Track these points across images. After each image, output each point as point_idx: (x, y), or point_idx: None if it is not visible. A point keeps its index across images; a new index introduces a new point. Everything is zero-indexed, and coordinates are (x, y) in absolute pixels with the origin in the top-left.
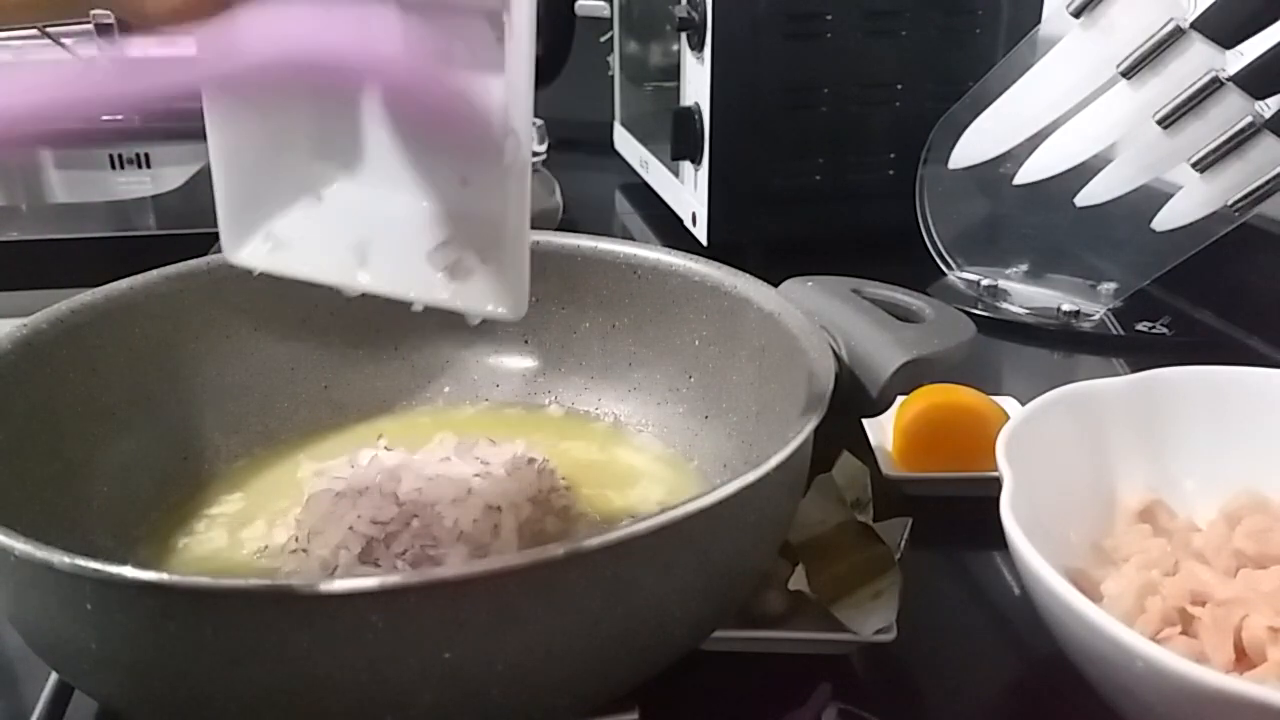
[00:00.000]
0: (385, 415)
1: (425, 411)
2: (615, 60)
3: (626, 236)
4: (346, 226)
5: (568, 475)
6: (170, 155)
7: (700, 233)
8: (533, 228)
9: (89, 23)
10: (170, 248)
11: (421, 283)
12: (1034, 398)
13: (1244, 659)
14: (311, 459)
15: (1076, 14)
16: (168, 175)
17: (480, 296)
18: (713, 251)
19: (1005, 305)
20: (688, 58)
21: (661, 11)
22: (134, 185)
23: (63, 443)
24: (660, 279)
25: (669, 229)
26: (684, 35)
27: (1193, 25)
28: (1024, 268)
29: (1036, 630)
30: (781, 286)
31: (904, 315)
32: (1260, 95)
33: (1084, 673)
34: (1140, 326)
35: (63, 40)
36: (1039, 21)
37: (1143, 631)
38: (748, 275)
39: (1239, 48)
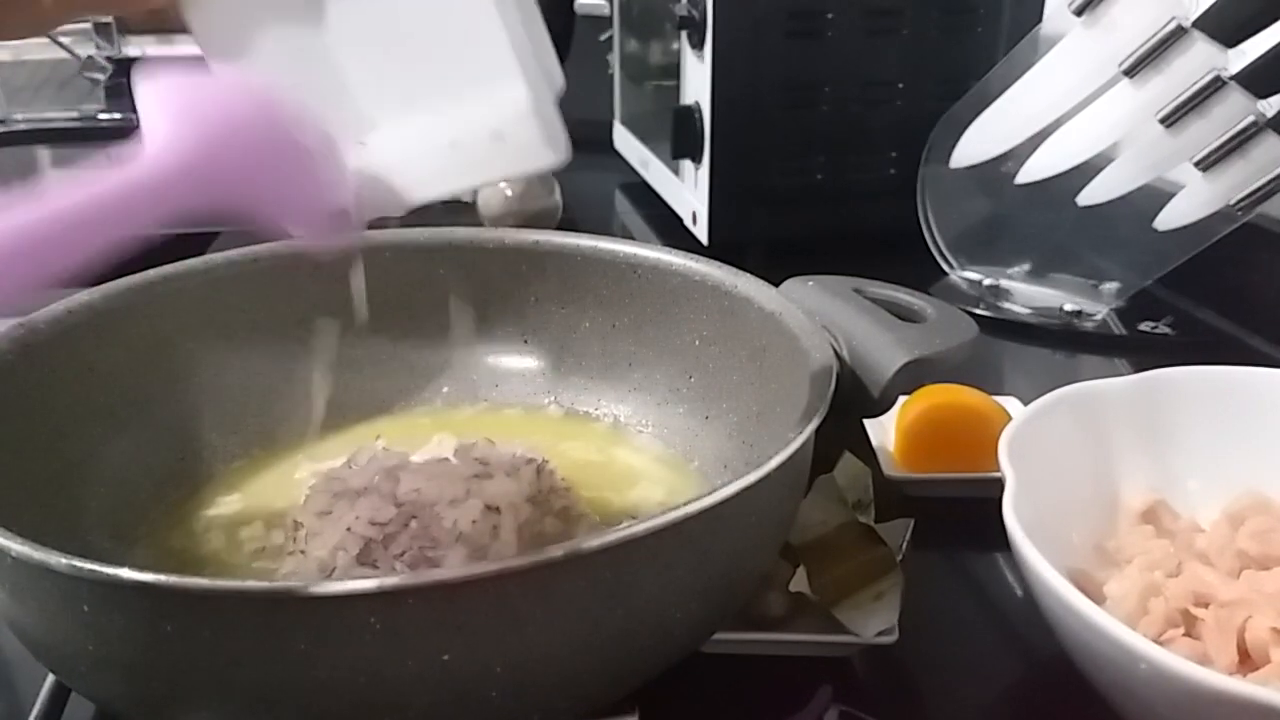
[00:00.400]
0: (384, 416)
1: (424, 412)
2: (615, 59)
3: (626, 236)
4: (378, 157)
5: (567, 476)
6: None
7: (700, 232)
8: (532, 227)
9: (88, 22)
10: (169, 247)
11: (461, 173)
12: (1036, 398)
13: (1247, 660)
14: (310, 459)
15: (1078, 12)
16: None
17: (521, 156)
18: (713, 251)
19: (1007, 305)
20: (688, 56)
21: (661, 10)
22: None
23: (60, 443)
24: (660, 279)
25: (669, 228)
26: (684, 34)
27: (1195, 24)
28: (1026, 267)
29: (1039, 632)
30: (782, 286)
31: (906, 315)
32: (1262, 94)
33: (1087, 674)
34: (1143, 326)
35: (61, 40)
36: (1040, 20)
37: (1146, 633)
38: (748, 275)
39: (1241, 47)
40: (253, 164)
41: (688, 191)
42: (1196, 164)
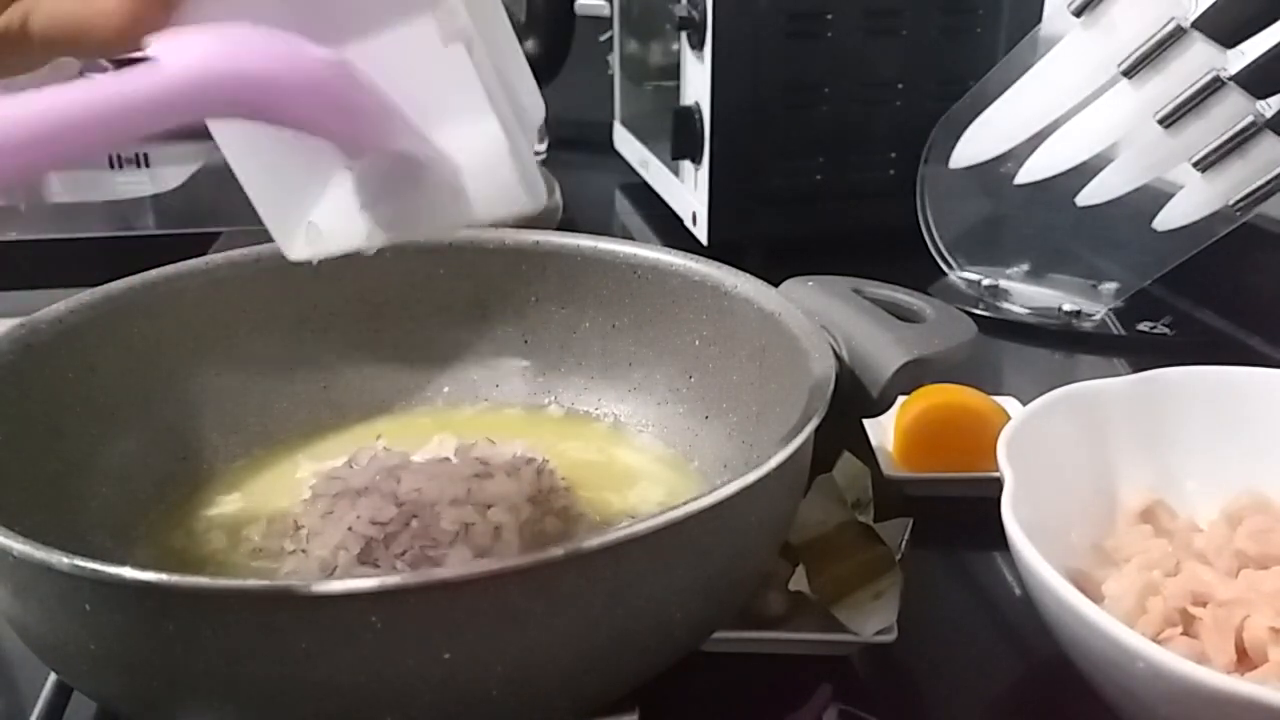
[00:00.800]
0: (384, 415)
1: (424, 412)
2: (615, 59)
3: (626, 236)
4: (364, 187)
5: (567, 476)
6: (169, 155)
7: (700, 232)
8: (533, 227)
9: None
10: (169, 247)
11: (438, 216)
12: (1035, 398)
13: (1245, 660)
14: (310, 459)
15: (1077, 13)
16: (167, 175)
17: (496, 201)
18: (713, 251)
19: (1006, 305)
20: (688, 57)
21: (661, 10)
22: (133, 185)
23: (61, 443)
24: (660, 279)
25: (669, 229)
26: (684, 34)
27: (1194, 24)
28: (1025, 267)
29: (1038, 631)
30: (782, 286)
31: (905, 315)
32: (1261, 95)
33: (1085, 674)
34: (1142, 326)
35: None
36: (1039, 20)
37: (1144, 632)
38: (748, 275)
39: (1240, 47)
40: (269, 75)
41: (688, 192)
42: (1195, 164)
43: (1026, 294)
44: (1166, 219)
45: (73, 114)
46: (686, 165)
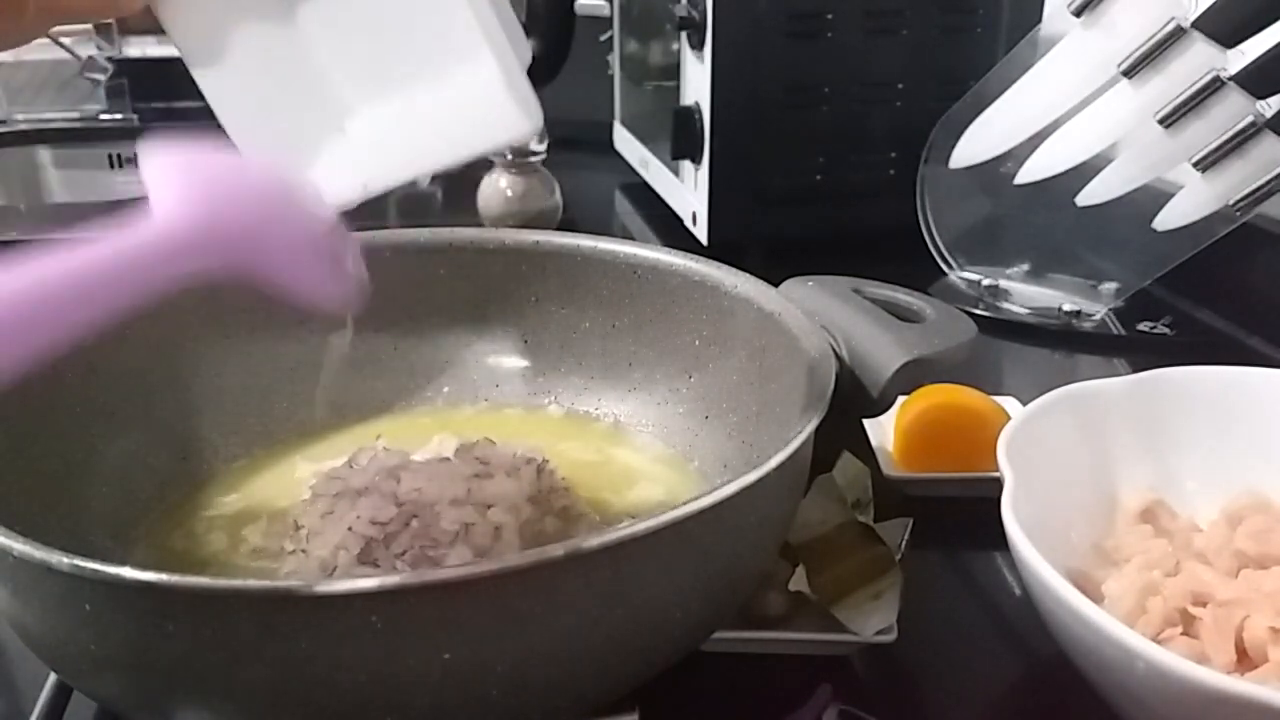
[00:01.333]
0: (384, 415)
1: (425, 412)
2: (615, 59)
3: (626, 236)
4: (359, 141)
5: (567, 476)
6: None
7: (700, 232)
8: (532, 227)
9: (88, 24)
10: None
11: (441, 150)
12: (1035, 398)
13: (1245, 660)
14: (310, 459)
15: (1077, 13)
16: None
17: (496, 128)
18: (713, 251)
19: (1006, 305)
20: (688, 57)
21: (661, 10)
22: (133, 185)
23: (61, 443)
24: (660, 279)
25: (669, 229)
26: (684, 34)
27: (1194, 24)
28: (1025, 267)
29: (1037, 631)
30: (781, 286)
31: (905, 315)
32: (1261, 95)
33: (1085, 673)
34: (1141, 326)
35: (62, 40)
36: (1040, 21)
37: (1144, 632)
38: (748, 275)
39: (1240, 47)
40: (259, 230)
41: (688, 192)
42: (1195, 164)
43: (1026, 294)
44: (1166, 219)
45: (67, 281)
46: (686, 165)
